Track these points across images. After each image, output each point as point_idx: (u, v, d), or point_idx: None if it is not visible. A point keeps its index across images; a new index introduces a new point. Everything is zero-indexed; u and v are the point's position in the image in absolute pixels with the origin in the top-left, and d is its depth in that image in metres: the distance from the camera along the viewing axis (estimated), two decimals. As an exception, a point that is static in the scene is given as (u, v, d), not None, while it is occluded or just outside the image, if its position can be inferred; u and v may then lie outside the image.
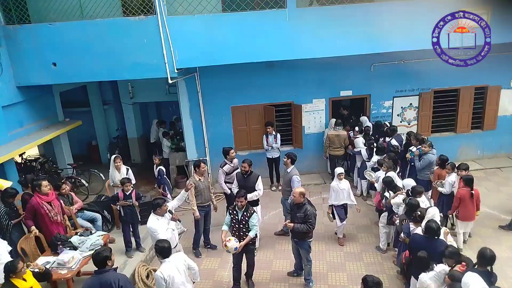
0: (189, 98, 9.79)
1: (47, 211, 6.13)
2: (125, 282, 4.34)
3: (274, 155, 9.67)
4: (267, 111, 10.05)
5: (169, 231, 5.62)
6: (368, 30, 8.11)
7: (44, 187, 6.12)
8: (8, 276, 4.43)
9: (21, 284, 4.47)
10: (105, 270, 4.31)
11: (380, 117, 10.41)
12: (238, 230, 5.87)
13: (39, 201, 6.08)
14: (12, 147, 7.61)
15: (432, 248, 4.88)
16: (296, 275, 6.59)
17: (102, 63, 7.78)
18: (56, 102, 9.60)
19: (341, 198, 7.26)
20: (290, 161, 7.20)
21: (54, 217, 6.22)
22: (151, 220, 5.56)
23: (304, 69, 9.74)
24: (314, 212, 5.87)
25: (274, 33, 7.97)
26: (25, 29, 7.68)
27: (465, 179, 6.67)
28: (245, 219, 5.80)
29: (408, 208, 5.84)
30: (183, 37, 7.75)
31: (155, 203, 5.65)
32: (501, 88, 10.58)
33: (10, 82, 7.83)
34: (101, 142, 12.62)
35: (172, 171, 10.65)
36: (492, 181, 9.65)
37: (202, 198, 6.97)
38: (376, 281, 4.08)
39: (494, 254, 4.50)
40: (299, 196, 5.85)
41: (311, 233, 6.02)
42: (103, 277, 4.26)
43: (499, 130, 10.92)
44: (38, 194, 6.10)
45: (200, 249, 7.50)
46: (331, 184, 7.38)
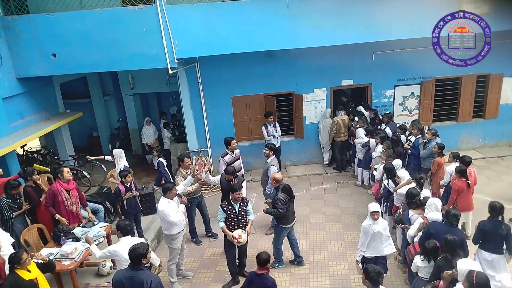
0: (189, 89, 9.75)
1: (64, 199, 6.30)
2: (157, 285, 4.16)
3: (275, 145, 9.65)
4: (268, 101, 10.01)
5: (179, 213, 5.83)
6: (369, 18, 8.05)
7: (66, 173, 6.34)
8: (13, 267, 4.47)
9: (25, 275, 4.52)
10: (139, 267, 4.17)
11: (382, 106, 10.37)
12: (237, 222, 5.88)
13: (59, 187, 6.29)
14: (13, 139, 7.61)
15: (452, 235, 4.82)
16: (297, 263, 6.65)
17: (101, 53, 7.73)
18: (57, 94, 9.57)
19: (376, 247, 5.40)
20: (272, 152, 7.36)
21: (70, 206, 6.39)
22: (162, 203, 5.75)
23: (304, 59, 9.67)
24: (281, 198, 6.01)
25: (275, 22, 7.90)
26: (24, 20, 7.62)
27: (458, 170, 6.59)
28: (243, 210, 5.93)
29: (407, 197, 5.81)
30: (182, 26, 7.69)
31: (165, 187, 5.80)
32: (503, 76, 10.50)
33: (10, 74, 7.80)
34: (102, 134, 12.61)
35: (173, 162, 10.66)
36: (493, 170, 9.64)
37: None
38: (377, 270, 4.09)
39: (502, 205, 5.15)
40: (273, 182, 6.35)
41: (287, 220, 6.19)
42: (136, 274, 4.12)
43: (501, 118, 10.88)
44: (60, 181, 6.32)
45: (202, 238, 7.60)
46: (362, 225, 5.45)
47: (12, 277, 4.47)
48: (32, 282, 4.57)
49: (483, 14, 8.00)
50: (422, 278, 4.85)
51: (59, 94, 9.67)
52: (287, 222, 6.21)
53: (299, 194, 9.19)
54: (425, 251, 4.81)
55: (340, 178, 10.00)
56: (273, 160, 7.39)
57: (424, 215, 5.48)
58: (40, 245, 6.10)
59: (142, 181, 10.28)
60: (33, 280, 4.58)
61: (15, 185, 6.22)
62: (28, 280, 4.53)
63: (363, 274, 4.20)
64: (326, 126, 10.04)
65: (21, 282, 4.46)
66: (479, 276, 3.79)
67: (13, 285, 4.42)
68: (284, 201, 6.01)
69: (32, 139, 8.36)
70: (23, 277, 4.49)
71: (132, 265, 4.19)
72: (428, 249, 4.76)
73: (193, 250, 7.33)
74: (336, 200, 8.85)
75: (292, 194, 6.24)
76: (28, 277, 4.54)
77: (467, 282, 3.84)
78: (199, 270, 6.74)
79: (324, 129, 10.10)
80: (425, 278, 4.80)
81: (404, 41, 9.29)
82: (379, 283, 4.06)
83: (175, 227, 5.83)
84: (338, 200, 8.86)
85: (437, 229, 5.03)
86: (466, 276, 3.89)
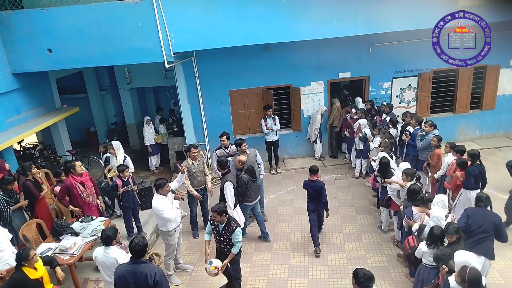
0: (186, 83, 9.72)
1: (79, 192, 6.41)
2: (161, 277, 4.12)
3: (273, 138, 9.66)
4: (266, 95, 10.00)
5: (174, 209, 5.81)
6: (366, 10, 8.01)
7: (78, 167, 6.42)
8: (20, 264, 4.41)
9: (32, 274, 4.46)
10: (141, 260, 4.15)
11: (379, 98, 10.37)
12: (219, 242, 5.39)
13: (73, 181, 6.38)
14: (10, 135, 7.59)
15: (489, 218, 5.17)
16: (263, 238, 7.26)
17: (97, 48, 7.68)
18: (53, 89, 9.52)
19: None
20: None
21: (87, 198, 6.50)
22: (156, 200, 5.73)
23: (302, 51, 9.65)
24: (244, 178, 6.61)
25: (272, 15, 7.85)
26: (18, 15, 7.55)
27: (459, 162, 6.58)
28: (227, 235, 5.24)
29: (410, 194, 5.76)
30: (179, 20, 7.63)
31: (158, 183, 5.76)
32: (500, 67, 10.51)
33: (6, 69, 7.75)
34: (99, 129, 12.59)
35: (171, 156, 10.67)
36: (491, 160, 9.68)
37: (194, 181, 7.06)
38: (368, 275, 3.81)
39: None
40: (238, 164, 6.85)
41: (249, 198, 6.79)
42: (139, 268, 4.10)
43: (498, 109, 10.91)
44: (72, 175, 6.41)
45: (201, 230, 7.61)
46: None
47: (18, 275, 4.40)
48: (37, 281, 4.51)
49: (479, 5, 8.01)
50: (427, 265, 4.82)
51: (55, 89, 9.62)
52: (249, 200, 6.82)
53: (297, 187, 9.23)
54: (432, 237, 4.78)
55: (337, 170, 10.03)
56: (252, 149, 7.50)
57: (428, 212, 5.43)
58: (39, 240, 6.10)
59: (140, 176, 10.28)
60: (38, 279, 4.53)
61: (10, 180, 6.16)
62: (34, 279, 4.47)
63: (352, 278, 3.94)
64: (317, 121, 10.04)
65: (27, 280, 4.41)
66: (472, 272, 3.83)
67: (18, 284, 4.36)
68: (246, 181, 6.60)
69: (29, 134, 8.33)
70: (29, 276, 4.43)
71: (133, 259, 4.18)
72: (434, 235, 4.75)
73: (192, 243, 7.37)
74: (334, 192, 8.88)
75: (255, 175, 6.89)
76: (34, 276, 4.48)
77: (460, 277, 3.89)
78: (198, 263, 6.76)
79: (314, 123, 10.10)
80: (429, 265, 4.78)
81: (401, 33, 9.28)
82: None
83: (171, 224, 5.83)
84: (336, 192, 8.89)
85: (473, 212, 5.29)
86: (459, 271, 3.93)
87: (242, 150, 7.22)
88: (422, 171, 7.81)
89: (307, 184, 6.64)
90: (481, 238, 5.09)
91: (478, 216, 5.18)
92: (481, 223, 5.12)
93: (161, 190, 5.73)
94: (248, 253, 6.89)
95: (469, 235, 5.12)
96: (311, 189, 6.57)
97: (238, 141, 7.32)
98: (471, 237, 5.12)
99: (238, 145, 7.26)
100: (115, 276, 4.18)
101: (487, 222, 5.12)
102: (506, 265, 6.12)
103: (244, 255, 6.70)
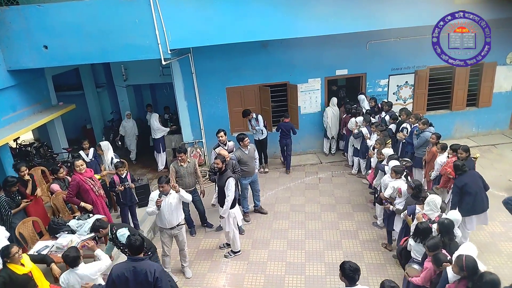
0: (183, 80, 9.69)
1: (91, 186, 6.44)
2: (161, 273, 4.11)
3: (261, 137, 9.60)
4: (263, 92, 9.98)
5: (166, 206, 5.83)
6: (363, 7, 7.99)
7: (80, 165, 6.44)
8: (4, 261, 4.40)
9: (19, 270, 4.44)
10: (140, 258, 4.13)
11: (376, 95, 10.36)
12: None
13: (82, 177, 6.41)
14: (6, 132, 7.52)
15: (475, 175, 6.08)
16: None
17: (93, 44, 7.62)
18: (49, 86, 9.45)
19: None
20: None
21: (98, 191, 6.54)
22: (154, 192, 5.87)
23: (299, 49, 9.64)
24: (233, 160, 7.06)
25: (269, 12, 7.82)
26: (13, 11, 7.47)
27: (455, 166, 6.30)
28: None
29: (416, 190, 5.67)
30: (175, 16, 7.59)
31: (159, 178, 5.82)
32: (496, 64, 10.54)
33: (1, 66, 7.66)
34: (96, 126, 12.52)
35: (168, 153, 10.64)
36: (487, 158, 9.72)
37: (182, 183, 6.98)
38: (354, 267, 3.86)
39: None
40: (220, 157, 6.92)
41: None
42: (138, 265, 4.05)
43: (494, 107, 10.94)
44: (77, 172, 6.42)
45: (198, 228, 7.69)
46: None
47: (5, 272, 4.37)
48: (26, 276, 4.49)
49: (475, 2, 8.01)
50: (415, 259, 4.90)
51: (51, 86, 9.55)
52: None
53: (294, 184, 9.25)
54: (417, 231, 4.84)
55: (334, 167, 10.05)
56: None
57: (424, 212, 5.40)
58: (36, 238, 6.08)
59: (137, 173, 10.26)
60: (27, 274, 4.51)
61: (13, 182, 6.10)
62: (22, 274, 4.45)
63: (339, 271, 3.98)
64: (336, 114, 10.07)
65: (14, 277, 4.38)
66: (468, 259, 3.88)
67: (6, 281, 4.32)
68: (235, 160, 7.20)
69: (25, 132, 8.27)
70: (17, 272, 4.41)
71: (132, 256, 4.16)
72: (420, 229, 4.79)
73: (189, 241, 7.34)
74: (331, 189, 8.90)
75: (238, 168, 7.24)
76: (22, 271, 4.45)
77: (457, 266, 3.92)
78: (195, 261, 6.77)
79: (334, 118, 10.07)
80: (417, 260, 4.86)
81: (398, 30, 9.26)
82: (355, 280, 3.85)
83: (158, 220, 5.93)
84: (333, 189, 8.91)
85: (460, 180, 6.06)
86: (455, 261, 3.97)
87: (244, 145, 7.50)
88: (419, 168, 7.84)
89: (280, 124, 9.15)
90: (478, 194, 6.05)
91: (466, 180, 5.99)
92: (473, 181, 6.04)
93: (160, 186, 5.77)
94: (245, 251, 6.91)
95: (469, 196, 6.00)
96: (284, 128, 9.15)
97: (240, 136, 7.59)
98: (471, 196, 6.01)
99: (240, 139, 7.51)
100: (114, 275, 4.09)
101: (475, 178, 6.08)
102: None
103: (241, 253, 6.86)
